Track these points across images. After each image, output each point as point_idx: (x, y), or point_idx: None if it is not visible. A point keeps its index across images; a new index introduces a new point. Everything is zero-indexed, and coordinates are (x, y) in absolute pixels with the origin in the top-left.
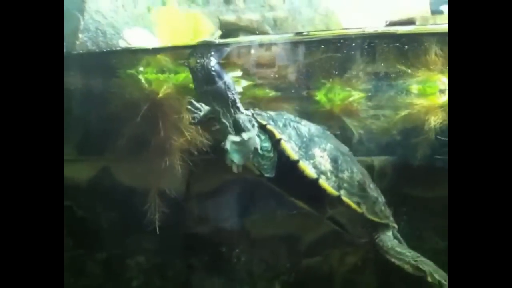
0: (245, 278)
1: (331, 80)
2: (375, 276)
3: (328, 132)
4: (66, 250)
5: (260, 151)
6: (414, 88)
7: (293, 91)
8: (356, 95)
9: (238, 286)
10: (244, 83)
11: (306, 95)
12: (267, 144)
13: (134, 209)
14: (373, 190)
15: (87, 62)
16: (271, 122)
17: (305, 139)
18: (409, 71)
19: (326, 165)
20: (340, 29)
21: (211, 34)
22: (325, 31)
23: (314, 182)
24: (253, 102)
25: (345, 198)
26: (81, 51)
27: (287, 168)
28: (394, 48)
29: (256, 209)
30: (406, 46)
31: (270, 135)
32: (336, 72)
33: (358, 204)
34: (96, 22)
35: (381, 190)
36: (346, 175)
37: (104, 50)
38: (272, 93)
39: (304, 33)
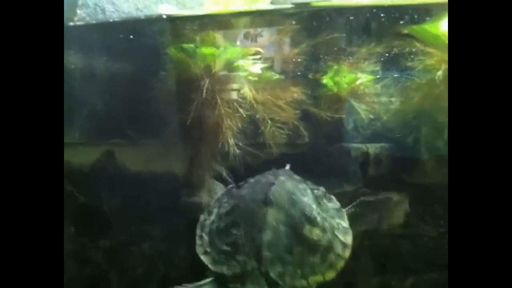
0: None
1: (337, 62)
2: (371, 262)
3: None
4: (68, 238)
5: None
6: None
7: (299, 73)
8: (364, 78)
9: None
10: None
11: (312, 77)
12: None
13: (139, 195)
14: None
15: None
16: None
17: None
18: (429, 50)
19: None
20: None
21: None
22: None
23: None
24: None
25: None
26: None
27: None
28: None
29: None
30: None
31: None
32: (342, 54)
33: None
34: None
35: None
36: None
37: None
38: (276, 76)
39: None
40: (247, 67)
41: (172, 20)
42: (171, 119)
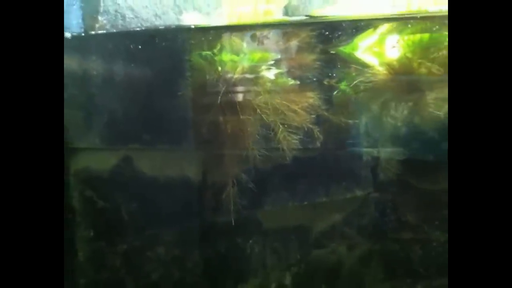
0: (259, 269)
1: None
2: (381, 268)
3: None
4: (87, 242)
5: None
6: None
7: (314, 79)
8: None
9: (252, 277)
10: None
11: (327, 83)
12: None
13: (155, 200)
14: None
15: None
16: None
17: None
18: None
19: None
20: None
21: None
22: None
23: None
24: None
25: None
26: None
27: None
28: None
29: (269, 200)
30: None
31: None
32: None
33: None
34: (115, 5)
35: (387, 182)
36: None
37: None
38: (292, 82)
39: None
40: (263, 73)
41: (193, 29)
42: (188, 125)
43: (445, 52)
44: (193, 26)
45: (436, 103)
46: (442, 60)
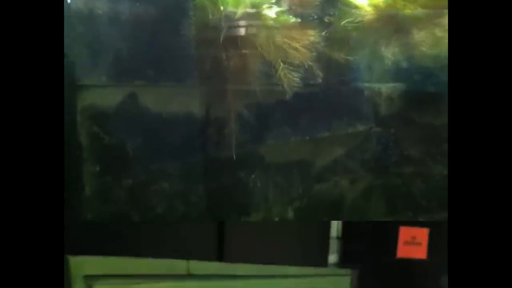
0: (261, 203)
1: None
2: (382, 201)
3: None
4: (94, 177)
5: None
6: None
7: (315, 17)
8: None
9: (255, 211)
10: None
11: (327, 21)
12: None
13: (159, 136)
14: None
15: None
16: None
17: None
18: None
19: None
20: None
21: None
22: None
23: None
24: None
25: None
26: None
27: None
28: None
29: (271, 135)
30: None
31: None
32: None
33: None
34: None
35: (389, 116)
36: None
37: None
38: (293, 20)
39: None
40: (265, 11)
41: None
42: (192, 62)
43: None
44: None
45: (426, 41)
46: (424, 1)
